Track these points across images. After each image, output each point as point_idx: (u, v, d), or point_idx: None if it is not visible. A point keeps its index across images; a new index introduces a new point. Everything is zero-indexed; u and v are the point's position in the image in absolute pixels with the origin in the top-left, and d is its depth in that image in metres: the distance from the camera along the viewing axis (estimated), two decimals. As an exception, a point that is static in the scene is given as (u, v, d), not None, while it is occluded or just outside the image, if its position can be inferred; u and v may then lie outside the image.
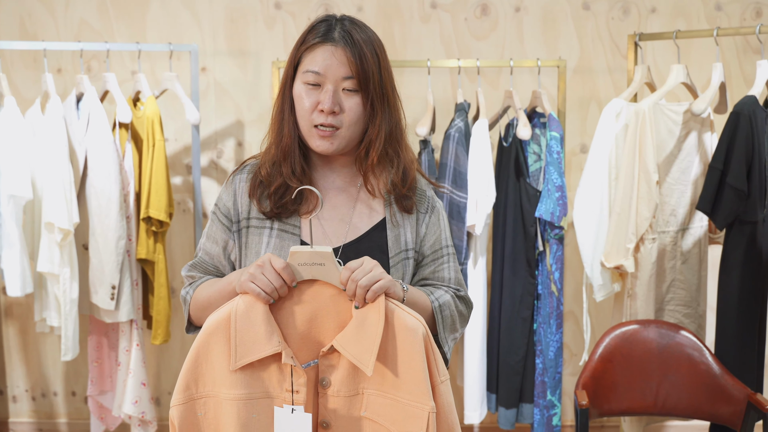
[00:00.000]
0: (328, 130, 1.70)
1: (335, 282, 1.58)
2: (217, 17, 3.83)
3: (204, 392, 1.56)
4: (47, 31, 3.81)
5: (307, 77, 1.70)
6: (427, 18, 3.83)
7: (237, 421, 1.53)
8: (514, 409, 3.44)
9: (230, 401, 1.54)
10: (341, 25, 1.72)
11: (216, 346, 1.55)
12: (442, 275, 1.82)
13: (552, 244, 3.33)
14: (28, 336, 3.96)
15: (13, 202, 3.22)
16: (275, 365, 1.56)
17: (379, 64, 1.71)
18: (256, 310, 1.54)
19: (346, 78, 1.69)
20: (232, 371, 1.54)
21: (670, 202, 3.20)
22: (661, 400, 2.88)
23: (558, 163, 3.25)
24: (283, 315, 1.58)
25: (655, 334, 2.92)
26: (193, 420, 1.56)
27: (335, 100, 1.68)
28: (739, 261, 2.96)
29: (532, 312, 3.39)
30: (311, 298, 1.59)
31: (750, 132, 2.87)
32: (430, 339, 1.58)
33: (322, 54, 1.69)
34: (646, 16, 3.84)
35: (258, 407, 1.56)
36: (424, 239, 1.81)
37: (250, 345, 1.53)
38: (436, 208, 1.84)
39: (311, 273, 1.58)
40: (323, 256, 1.57)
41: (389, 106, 1.75)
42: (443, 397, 1.58)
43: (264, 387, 1.57)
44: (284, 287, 1.56)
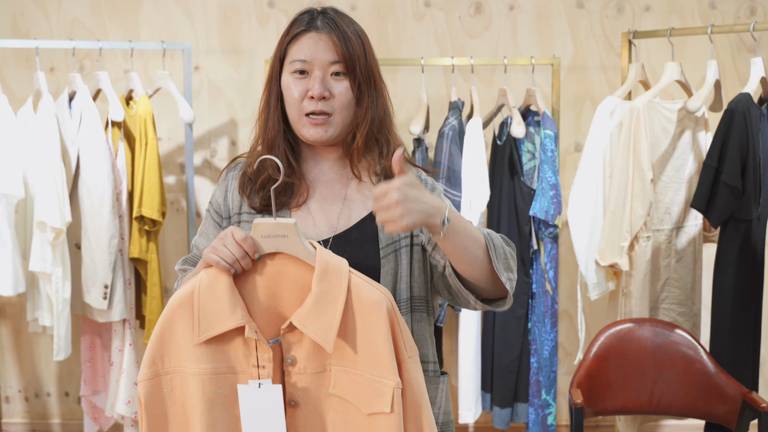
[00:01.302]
0: (321, 117, 1.68)
1: (300, 254, 1.54)
2: (211, 15, 3.82)
3: (170, 368, 1.53)
4: (40, 29, 3.79)
5: (294, 66, 1.69)
6: (420, 16, 3.82)
7: (202, 397, 1.50)
8: (508, 409, 3.43)
9: (195, 376, 1.51)
10: (323, 14, 1.72)
11: (181, 320, 1.52)
12: None
13: (546, 243, 3.32)
14: (21, 336, 3.95)
15: (5, 201, 3.20)
16: (241, 340, 1.52)
17: (363, 48, 1.71)
18: (219, 283, 1.51)
19: (332, 63, 1.68)
20: (196, 345, 1.51)
21: (664, 201, 3.20)
22: (656, 399, 2.88)
23: (552, 162, 3.24)
24: (248, 289, 1.55)
25: (649, 332, 2.92)
26: (160, 396, 1.53)
27: (324, 85, 1.67)
28: (734, 259, 2.96)
29: (526, 311, 3.38)
30: (276, 271, 1.55)
31: (744, 129, 2.87)
32: (396, 313, 1.54)
33: (307, 42, 1.68)
34: (640, 14, 3.83)
35: (224, 382, 1.53)
36: None
37: (214, 318, 1.50)
38: (437, 189, 1.79)
39: (275, 245, 1.54)
40: (286, 228, 1.53)
41: (376, 90, 1.74)
42: (410, 373, 1.53)
43: (230, 362, 1.53)
44: (246, 258, 1.53)
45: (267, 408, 1.51)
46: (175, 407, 1.54)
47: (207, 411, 1.51)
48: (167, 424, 1.53)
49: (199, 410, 1.51)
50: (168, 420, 1.53)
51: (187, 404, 1.53)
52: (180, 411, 1.54)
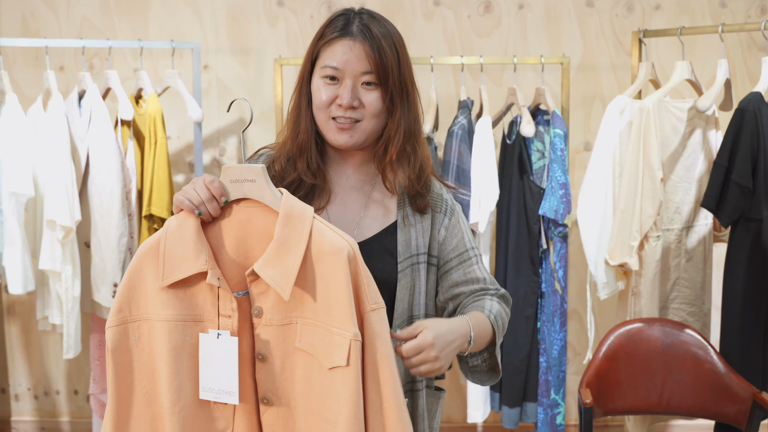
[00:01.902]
0: (347, 122, 1.67)
1: (266, 200, 1.52)
2: (219, 14, 3.82)
3: (138, 315, 1.50)
4: (49, 28, 3.80)
5: (325, 72, 1.67)
6: (430, 15, 3.82)
7: (169, 344, 1.48)
8: (517, 408, 3.42)
9: (162, 322, 1.49)
10: (359, 18, 1.70)
11: (149, 267, 1.50)
12: (475, 275, 1.77)
13: (556, 242, 3.31)
14: (31, 334, 3.96)
15: (15, 199, 3.21)
16: (207, 288, 1.50)
17: (398, 58, 1.69)
18: (186, 227, 1.49)
19: (364, 73, 1.66)
20: (164, 292, 1.48)
21: (674, 200, 3.19)
22: (666, 399, 2.87)
23: (562, 161, 3.23)
24: (216, 239, 1.52)
25: (659, 332, 2.91)
26: (127, 344, 1.50)
27: (354, 94, 1.66)
28: (744, 258, 2.95)
29: (535, 310, 3.38)
30: (244, 219, 1.53)
31: (755, 129, 2.86)
32: (359, 262, 1.48)
33: (341, 48, 1.66)
34: (650, 13, 3.82)
35: (190, 330, 1.50)
36: (444, 243, 1.77)
37: (178, 263, 1.48)
38: (456, 212, 1.80)
39: (243, 191, 1.53)
40: (254, 172, 1.52)
41: (409, 101, 1.72)
42: (372, 326, 1.47)
43: (197, 310, 1.51)
44: (213, 202, 1.51)
45: (224, 359, 1.49)
46: (143, 355, 1.51)
47: (173, 358, 1.48)
48: (133, 373, 1.51)
49: (165, 357, 1.48)
50: (134, 368, 1.51)
51: (154, 352, 1.50)
52: (147, 359, 1.51)
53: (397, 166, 1.72)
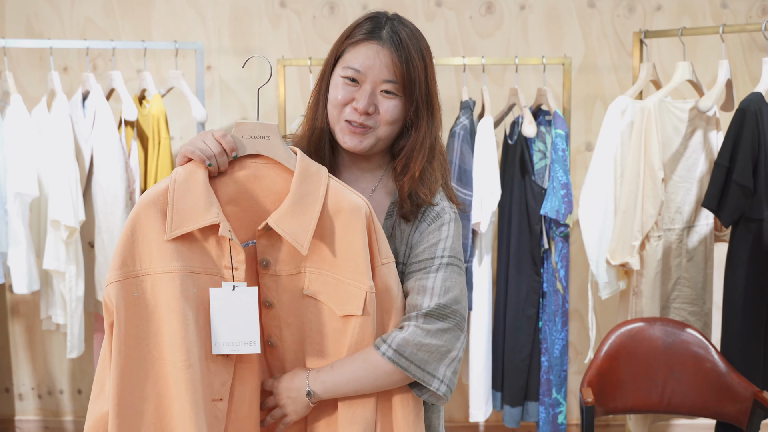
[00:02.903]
0: (360, 128, 1.63)
1: (279, 157, 1.53)
2: (222, 15, 3.84)
3: (141, 270, 1.46)
4: (53, 29, 3.82)
5: (346, 72, 1.62)
6: (432, 16, 3.83)
7: (180, 296, 1.44)
8: (519, 407, 3.44)
9: (168, 274, 1.45)
10: (391, 24, 1.64)
11: (153, 219, 1.46)
12: (423, 284, 1.60)
13: (557, 242, 3.33)
14: (35, 334, 3.97)
15: (20, 199, 3.23)
16: (214, 240, 1.49)
17: (426, 71, 1.64)
18: (195, 179, 1.48)
19: (386, 81, 1.61)
20: (169, 244, 1.45)
21: (675, 200, 3.20)
22: (667, 398, 2.88)
23: (563, 161, 3.25)
24: (223, 191, 1.51)
25: (660, 331, 2.92)
26: (131, 301, 1.45)
27: (371, 101, 1.61)
28: (745, 258, 2.96)
29: (537, 310, 3.39)
30: (253, 175, 1.53)
31: (756, 129, 2.87)
32: (373, 219, 1.53)
33: (366, 52, 1.61)
34: (651, 14, 3.83)
35: (198, 282, 1.48)
36: (413, 248, 1.65)
37: (188, 215, 1.46)
38: (441, 219, 1.66)
39: (255, 147, 1.53)
40: (268, 129, 1.53)
41: (433, 115, 1.67)
42: (383, 278, 1.53)
43: (203, 262, 1.49)
44: (224, 156, 1.51)
45: (241, 310, 1.48)
46: (146, 311, 1.46)
47: (182, 311, 1.45)
48: (136, 331, 1.46)
49: (174, 310, 1.45)
50: (137, 326, 1.47)
51: (159, 307, 1.46)
52: (150, 316, 1.46)
53: (419, 182, 1.66)
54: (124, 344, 1.45)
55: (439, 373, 1.55)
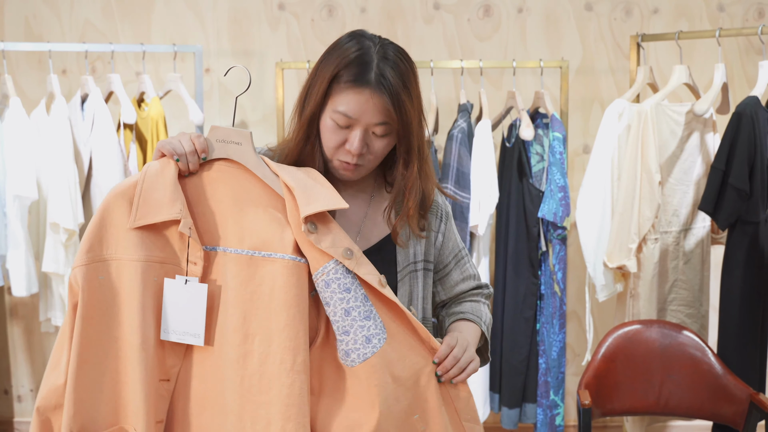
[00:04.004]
0: (353, 166, 1.65)
1: (249, 164, 1.56)
2: (221, 18, 3.85)
3: (107, 255, 1.52)
4: (52, 32, 3.83)
5: (336, 117, 1.61)
6: (430, 19, 3.84)
7: (141, 283, 1.51)
8: (517, 409, 3.45)
9: (133, 262, 1.51)
10: (377, 64, 1.60)
11: (121, 208, 1.52)
12: (469, 273, 1.87)
13: (555, 245, 3.34)
14: (33, 336, 3.98)
15: (19, 202, 3.23)
16: (178, 235, 1.54)
17: (413, 104, 1.63)
18: (165, 174, 1.53)
19: (378, 123, 1.61)
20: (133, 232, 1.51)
21: (672, 203, 3.21)
22: (664, 400, 2.89)
23: (561, 164, 3.26)
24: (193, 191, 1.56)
25: (657, 334, 2.93)
26: (95, 283, 1.51)
27: (363, 142, 1.62)
28: (742, 261, 2.97)
29: (535, 312, 3.40)
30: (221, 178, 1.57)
31: (752, 132, 2.88)
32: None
33: (356, 98, 1.59)
34: (648, 17, 3.85)
35: (159, 271, 1.53)
36: (442, 247, 1.82)
37: (153, 206, 1.51)
38: (449, 215, 1.84)
39: (227, 151, 1.56)
40: (241, 135, 1.57)
41: (420, 145, 1.69)
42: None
43: (166, 254, 1.54)
44: (194, 155, 1.55)
45: (191, 304, 1.52)
46: (109, 294, 1.52)
47: (142, 296, 1.51)
48: (99, 312, 1.52)
49: (134, 295, 1.51)
50: (100, 307, 1.52)
51: (121, 291, 1.52)
52: (112, 299, 1.52)
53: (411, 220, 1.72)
54: (87, 323, 1.51)
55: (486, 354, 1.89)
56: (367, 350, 1.54)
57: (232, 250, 1.55)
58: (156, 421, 1.53)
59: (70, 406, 1.49)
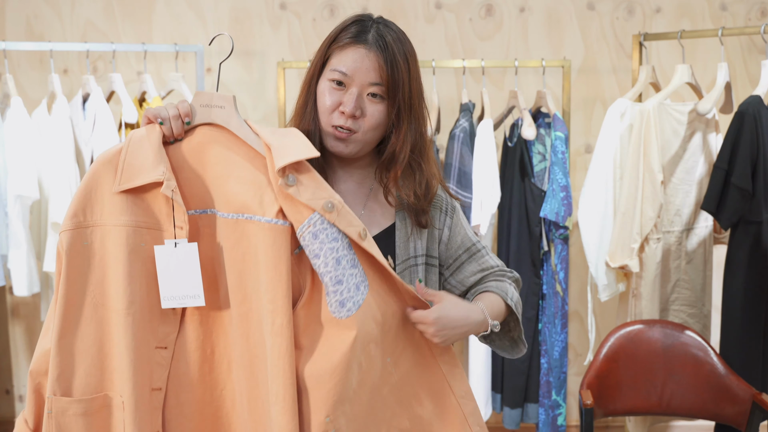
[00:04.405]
0: (345, 132, 1.66)
1: (232, 127, 1.58)
2: (223, 18, 3.84)
3: (92, 221, 1.53)
4: (53, 31, 3.83)
5: (333, 75, 1.65)
6: (431, 18, 3.84)
7: (126, 248, 1.51)
8: (519, 409, 3.44)
9: (118, 227, 1.51)
10: (376, 27, 1.68)
11: (107, 175, 1.53)
12: (489, 264, 1.82)
13: (557, 244, 3.33)
14: (35, 336, 3.98)
15: (20, 202, 3.23)
16: (163, 199, 1.54)
17: (409, 73, 1.67)
18: (150, 139, 1.54)
19: (373, 84, 1.64)
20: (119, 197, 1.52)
21: (674, 202, 3.21)
22: (666, 400, 2.89)
23: (563, 163, 3.25)
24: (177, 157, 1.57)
25: (659, 334, 2.92)
26: (79, 248, 1.51)
27: (358, 104, 1.64)
28: (744, 261, 2.97)
29: (537, 312, 3.40)
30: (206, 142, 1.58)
31: (755, 132, 2.88)
32: None
33: (353, 55, 1.64)
34: (650, 16, 3.84)
35: (146, 236, 1.54)
36: (449, 242, 1.80)
37: (137, 170, 1.52)
38: (456, 209, 1.82)
39: (210, 115, 1.58)
40: (224, 99, 1.58)
41: (415, 117, 1.70)
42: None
43: (153, 218, 1.55)
44: (178, 120, 1.56)
45: (184, 266, 1.53)
46: (93, 261, 1.52)
47: (128, 262, 1.51)
48: (83, 277, 1.52)
49: (120, 260, 1.51)
50: (85, 273, 1.52)
51: (106, 257, 1.52)
52: (97, 265, 1.52)
53: (402, 182, 1.72)
54: (69, 289, 1.51)
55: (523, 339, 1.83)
56: (358, 297, 1.53)
57: (220, 213, 1.57)
58: (151, 388, 1.54)
59: (54, 370, 1.51)
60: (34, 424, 1.57)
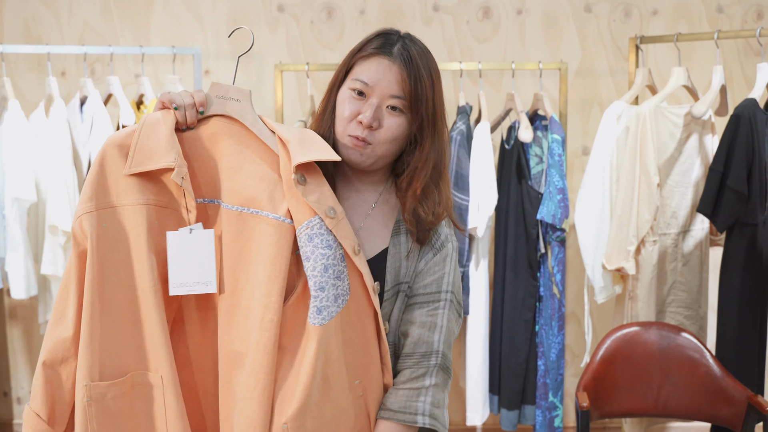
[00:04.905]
0: (360, 142, 1.64)
1: (246, 121, 1.58)
2: (220, 20, 3.85)
3: (108, 202, 1.54)
4: (51, 34, 3.83)
5: (354, 84, 1.64)
6: (429, 20, 3.84)
7: (144, 226, 1.53)
8: (516, 411, 3.45)
9: (135, 206, 1.53)
10: (402, 41, 1.66)
11: (119, 156, 1.54)
12: (434, 321, 1.69)
13: (554, 247, 3.34)
14: (33, 338, 3.98)
15: (18, 205, 3.24)
16: (174, 183, 1.56)
17: (433, 90, 1.65)
18: (163, 124, 1.55)
19: (393, 96, 1.62)
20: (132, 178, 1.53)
21: (671, 205, 3.21)
22: (662, 402, 2.90)
23: (559, 166, 3.26)
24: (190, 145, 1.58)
25: (656, 335, 2.93)
26: (100, 231, 1.53)
27: (376, 114, 1.62)
28: (740, 263, 2.97)
29: (533, 314, 3.40)
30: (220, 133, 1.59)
31: (750, 134, 2.88)
32: None
33: (377, 66, 1.63)
34: (647, 19, 3.85)
35: (160, 215, 1.56)
36: (419, 276, 1.71)
37: (148, 154, 1.53)
38: (446, 250, 1.73)
39: (225, 108, 1.59)
40: (241, 93, 1.60)
41: (439, 135, 1.68)
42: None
43: (166, 198, 1.57)
44: (192, 108, 1.56)
45: (199, 252, 1.54)
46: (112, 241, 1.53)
47: (147, 240, 1.53)
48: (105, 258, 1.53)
49: (141, 238, 1.53)
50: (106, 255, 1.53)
51: (127, 237, 1.53)
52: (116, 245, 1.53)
53: (422, 200, 1.68)
54: (97, 272, 1.52)
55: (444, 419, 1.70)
56: (333, 309, 1.54)
57: (225, 204, 1.58)
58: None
59: (88, 356, 1.50)
60: (47, 416, 1.56)
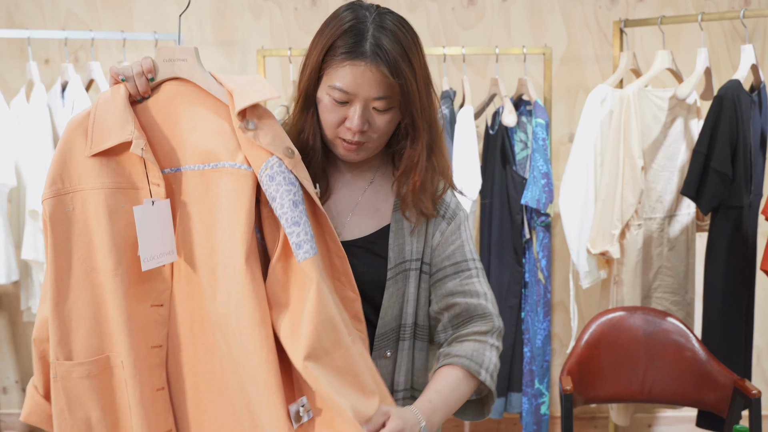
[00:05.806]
0: (355, 144, 1.58)
1: (197, 79, 1.57)
2: (204, 7, 3.83)
3: (70, 187, 1.53)
4: (34, 22, 3.81)
5: (333, 93, 1.54)
6: (414, 7, 3.83)
7: (106, 210, 1.52)
8: (502, 398, 3.43)
9: (97, 190, 1.52)
10: (373, 30, 1.53)
11: (79, 139, 1.54)
12: (474, 289, 1.66)
13: (538, 232, 3.32)
14: (17, 327, 3.96)
15: (-3, 190, 3.23)
16: (137, 157, 1.54)
17: (415, 74, 1.54)
18: (116, 99, 1.54)
19: (377, 98, 1.53)
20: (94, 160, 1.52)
21: (656, 189, 3.20)
22: (648, 387, 2.87)
23: (544, 150, 3.24)
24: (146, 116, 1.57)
25: (641, 320, 2.91)
26: (62, 215, 1.53)
27: (364, 118, 1.55)
28: (725, 246, 2.96)
29: (519, 300, 3.38)
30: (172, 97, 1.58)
31: (734, 116, 2.87)
32: None
33: (352, 74, 1.52)
34: (634, 5, 3.83)
35: (125, 197, 1.54)
36: (437, 249, 1.67)
37: (106, 132, 1.52)
38: (458, 218, 1.68)
39: (174, 69, 1.58)
40: (186, 52, 1.59)
41: (430, 120, 1.61)
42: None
43: (130, 178, 1.55)
44: (141, 76, 1.54)
45: (160, 223, 1.54)
46: (77, 226, 1.53)
47: (109, 224, 1.52)
48: (70, 243, 1.53)
49: (102, 223, 1.52)
50: (70, 239, 1.53)
51: (89, 221, 1.53)
52: (82, 229, 1.53)
53: (420, 195, 1.63)
54: (58, 255, 1.53)
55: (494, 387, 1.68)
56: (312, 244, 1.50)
57: (187, 167, 1.56)
58: (150, 346, 1.55)
59: (54, 335, 1.52)
60: (43, 389, 1.60)
